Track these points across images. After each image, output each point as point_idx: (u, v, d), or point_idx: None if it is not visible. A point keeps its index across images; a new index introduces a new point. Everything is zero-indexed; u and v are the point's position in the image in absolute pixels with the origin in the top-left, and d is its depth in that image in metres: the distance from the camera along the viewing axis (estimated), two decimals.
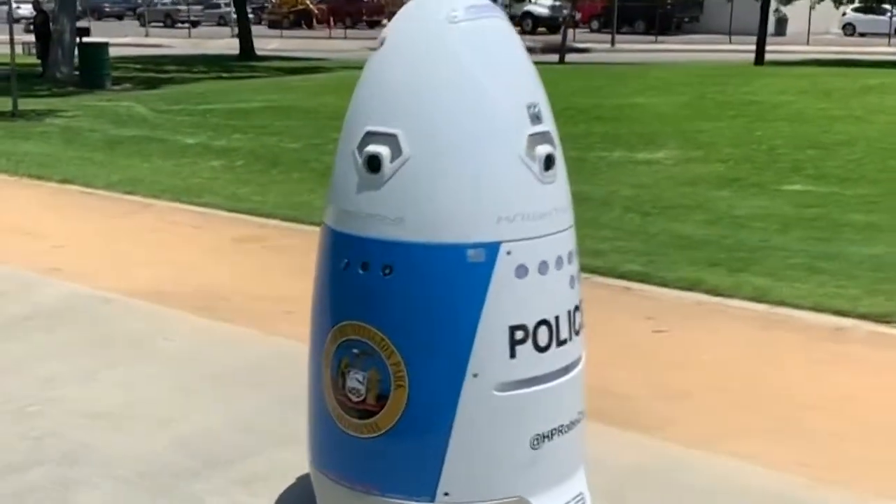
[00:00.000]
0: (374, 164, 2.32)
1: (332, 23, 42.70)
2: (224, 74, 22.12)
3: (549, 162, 2.38)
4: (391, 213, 2.32)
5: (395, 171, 2.31)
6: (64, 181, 8.43)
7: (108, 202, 7.62)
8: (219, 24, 44.53)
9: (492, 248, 2.30)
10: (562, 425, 2.48)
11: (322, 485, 2.58)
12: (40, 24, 20.40)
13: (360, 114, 2.40)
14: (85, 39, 20.91)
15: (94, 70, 18.77)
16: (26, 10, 47.89)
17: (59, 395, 3.68)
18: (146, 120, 13.28)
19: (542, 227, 2.37)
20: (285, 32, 41.02)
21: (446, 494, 2.38)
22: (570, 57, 28.38)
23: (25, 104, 13.65)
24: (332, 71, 22.72)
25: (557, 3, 42.76)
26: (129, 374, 3.95)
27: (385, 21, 46.72)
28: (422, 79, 2.33)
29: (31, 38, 23.72)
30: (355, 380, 2.39)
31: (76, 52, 20.19)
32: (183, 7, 47.81)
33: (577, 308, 2.50)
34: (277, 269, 5.54)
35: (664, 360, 4.18)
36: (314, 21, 45.72)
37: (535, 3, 44.56)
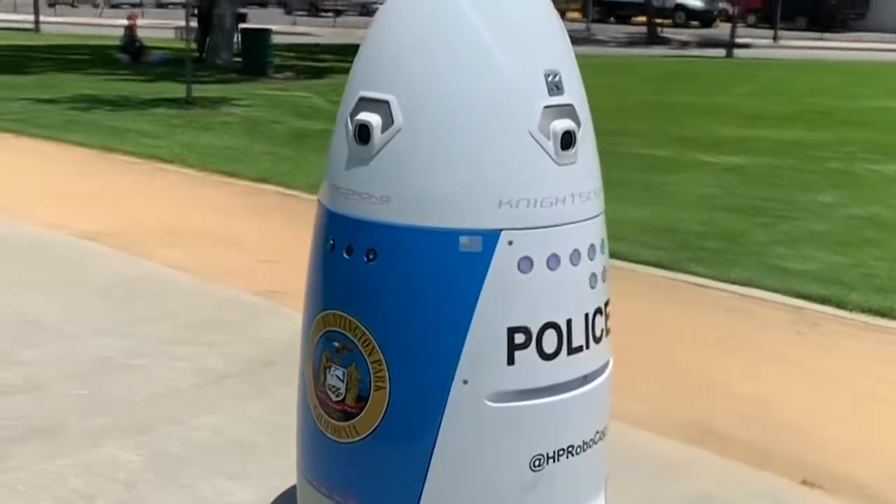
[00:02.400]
0: (363, 134, 2.04)
1: None
2: None
3: (567, 139, 2.04)
4: (377, 190, 2.02)
5: (385, 143, 2.02)
6: (259, 179, 7.75)
7: (310, 206, 7.00)
8: (361, 14, 45.10)
9: (490, 237, 1.98)
10: (572, 446, 2.14)
11: (303, 491, 2.31)
12: (205, 9, 20.64)
13: (358, 77, 2.13)
14: (243, 26, 21.06)
15: (256, 57, 18.37)
16: None
17: None
18: (327, 112, 12.49)
19: (555, 215, 2.04)
20: None
21: None
22: (734, 52, 27.20)
23: (196, 91, 13.24)
24: None
25: None
26: None
27: None
28: (422, 39, 2.03)
29: (182, 22, 24.27)
30: (335, 377, 2.12)
31: (236, 38, 20.30)
32: None
33: (598, 311, 2.15)
34: None
35: None
36: None
37: None
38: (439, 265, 2.00)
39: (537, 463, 2.10)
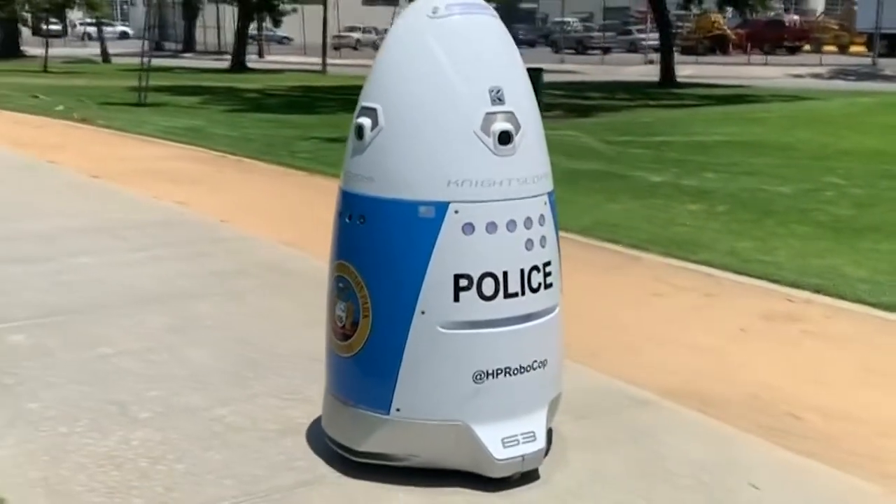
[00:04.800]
0: (360, 132, 2.87)
1: (748, 48, 41.77)
2: (650, 102, 21.25)
3: (505, 137, 2.78)
4: (366, 172, 2.85)
5: (373, 139, 2.83)
6: None
7: (589, 251, 6.48)
8: (629, 51, 45.43)
9: (441, 207, 2.75)
10: (509, 367, 2.86)
11: (325, 399, 3.15)
12: None
13: (363, 91, 2.96)
14: None
15: None
16: None
17: None
18: (598, 152, 12.28)
19: (493, 192, 2.78)
20: (700, 58, 40.82)
21: (398, 410, 2.86)
22: None
23: None
24: (763, 101, 21.35)
25: None
26: None
27: (807, 46, 44.02)
28: (400, 63, 2.85)
29: None
30: (340, 309, 2.95)
31: None
32: (595, 34, 49.56)
33: (535, 269, 2.86)
34: (837, 369, 4.31)
35: None
36: (730, 47, 45.01)
37: None
38: (405, 227, 2.78)
39: (479, 377, 2.83)
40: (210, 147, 11.90)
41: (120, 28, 63.53)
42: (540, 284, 2.88)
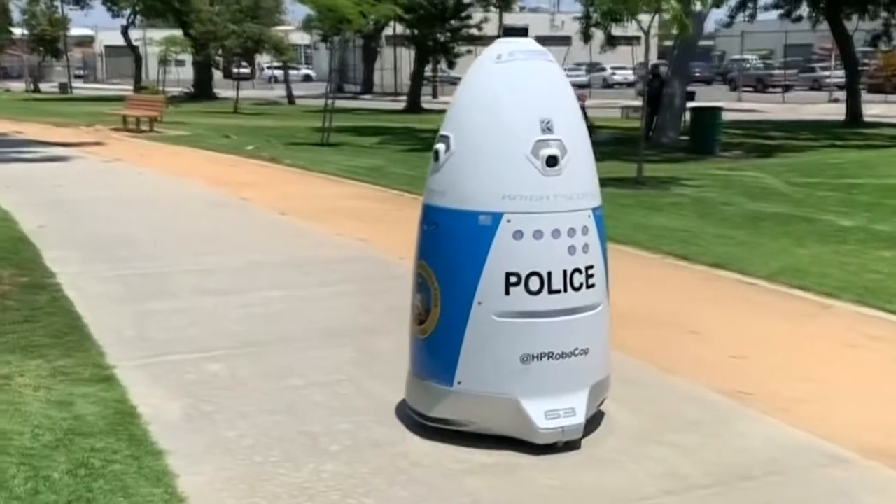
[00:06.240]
0: (437, 155, 3.54)
1: None
2: (837, 142, 20.18)
3: (551, 160, 3.39)
4: (440, 188, 3.52)
5: (446, 160, 3.50)
6: (715, 265, 7.14)
7: (775, 297, 6.22)
8: (812, 89, 43.68)
9: (496, 217, 3.39)
10: (552, 352, 3.45)
11: (407, 376, 3.78)
12: (657, 89, 20.14)
13: (443, 122, 3.62)
14: (691, 104, 20.59)
15: (704, 135, 18.01)
16: (620, 76, 52.28)
17: None
18: (782, 193, 11.71)
19: (540, 206, 3.39)
20: (888, 97, 38.87)
21: (459, 383, 3.49)
22: None
23: (645, 170, 12.86)
24: None
25: None
26: None
27: None
28: (470, 99, 3.53)
29: (626, 102, 24.67)
30: (418, 299, 3.62)
31: (684, 116, 19.93)
32: (776, 71, 47.91)
33: (577, 271, 3.44)
34: None
35: None
36: None
37: None
38: (468, 232, 3.42)
39: (525, 359, 3.43)
40: (389, 186, 12.36)
41: (304, 71, 66.43)
42: (582, 284, 3.47)
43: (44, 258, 6.96)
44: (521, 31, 3.76)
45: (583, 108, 19.13)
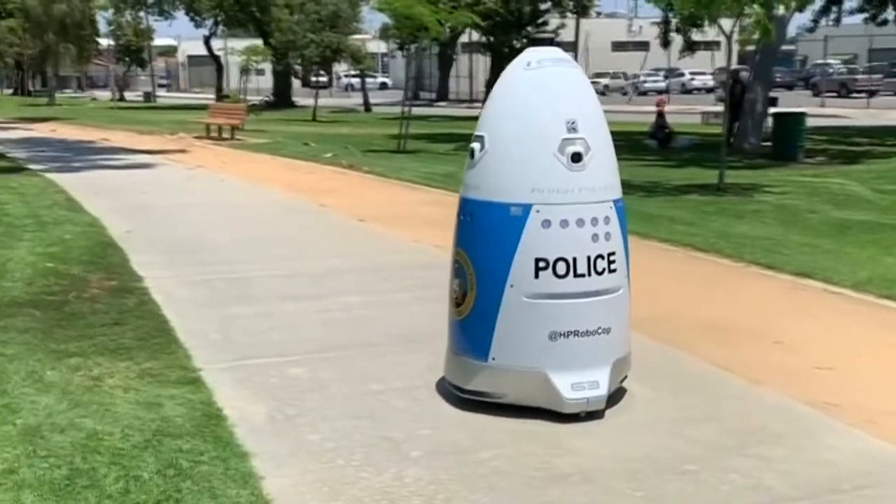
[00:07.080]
0: (472, 153, 3.91)
1: None
2: None
3: (576, 157, 3.73)
4: (475, 182, 3.89)
5: (481, 158, 3.88)
6: (799, 274, 6.95)
7: (862, 307, 6.08)
8: None
9: (526, 208, 3.75)
10: (577, 330, 3.80)
11: (446, 353, 4.16)
12: (739, 95, 19.60)
13: (478, 123, 3.98)
14: (773, 110, 20.04)
15: (787, 141, 17.59)
16: (699, 81, 51.57)
17: None
18: (868, 201, 11.42)
19: (566, 197, 3.74)
20: None
21: (494, 359, 3.86)
22: None
23: (727, 176, 12.53)
24: None
25: None
26: None
27: None
28: (502, 102, 3.90)
29: (706, 107, 24.07)
30: (456, 282, 4.00)
31: (766, 122, 19.50)
32: (861, 76, 46.63)
33: (600, 256, 3.78)
34: None
35: None
36: None
37: None
38: (501, 222, 3.79)
39: (553, 336, 3.78)
40: None
41: (380, 79, 67.10)
42: (604, 269, 3.82)
43: (131, 262, 7.17)
44: (548, 41, 4.08)
45: (661, 114, 18.81)
